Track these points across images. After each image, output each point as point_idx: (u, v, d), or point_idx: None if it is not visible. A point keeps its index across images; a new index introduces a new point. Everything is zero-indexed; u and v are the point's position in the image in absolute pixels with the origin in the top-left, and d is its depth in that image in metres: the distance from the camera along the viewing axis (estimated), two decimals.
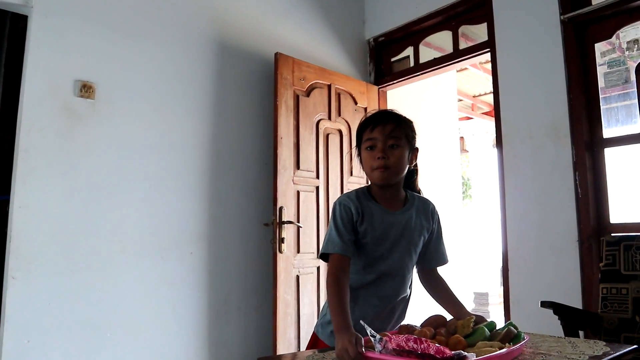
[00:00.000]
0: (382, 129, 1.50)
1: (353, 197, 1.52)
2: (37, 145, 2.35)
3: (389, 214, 1.53)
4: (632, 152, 2.66)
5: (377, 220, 1.51)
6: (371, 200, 1.54)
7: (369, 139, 1.51)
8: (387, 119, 1.52)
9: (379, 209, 1.52)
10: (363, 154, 1.54)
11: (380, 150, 1.48)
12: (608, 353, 1.21)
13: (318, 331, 1.57)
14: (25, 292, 2.26)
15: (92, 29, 2.58)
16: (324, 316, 1.58)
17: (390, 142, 1.49)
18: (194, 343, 2.80)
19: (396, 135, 1.51)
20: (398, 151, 1.50)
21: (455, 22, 3.49)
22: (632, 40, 2.72)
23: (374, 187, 1.56)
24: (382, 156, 1.48)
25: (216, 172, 3.01)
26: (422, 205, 1.64)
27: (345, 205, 1.50)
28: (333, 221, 1.49)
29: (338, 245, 1.44)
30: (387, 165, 1.48)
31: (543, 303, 2.09)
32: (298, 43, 3.50)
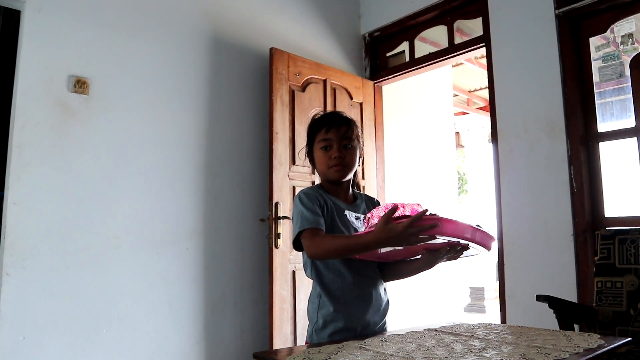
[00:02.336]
0: (337, 130, 1.60)
1: (313, 190, 1.61)
2: (31, 141, 2.34)
3: (346, 207, 1.63)
4: (627, 146, 2.66)
5: (338, 211, 1.59)
6: (328, 194, 1.62)
7: (324, 139, 1.60)
8: (340, 121, 1.62)
9: (337, 202, 1.61)
10: (317, 153, 1.63)
11: (336, 150, 1.58)
12: (603, 346, 1.22)
13: (313, 339, 1.56)
14: (20, 289, 2.25)
15: (86, 24, 2.56)
16: (315, 322, 1.56)
17: (344, 142, 1.60)
18: (190, 338, 2.80)
19: (349, 135, 1.61)
20: (352, 150, 1.61)
21: (450, 17, 3.49)
22: (626, 34, 2.72)
23: (327, 184, 1.65)
24: (339, 155, 1.58)
25: (212, 168, 3.00)
26: (370, 202, 1.73)
27: (312, 194, 1.57)
28: (302, 206, 1.53)
29: (313, 221, 1.48)
30: (344, 163, 1.59)
31: (538, 297, 2.10)
32: (293, 38, 3.49)
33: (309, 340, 1.58)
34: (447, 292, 4.74)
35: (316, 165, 1.66)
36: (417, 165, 4.48)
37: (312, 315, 1.60)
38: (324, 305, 1.54)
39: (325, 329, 1.52)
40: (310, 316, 1.61)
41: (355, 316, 1.52)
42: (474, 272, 7.71)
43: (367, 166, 3.67)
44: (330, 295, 1.54)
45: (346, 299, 1.53)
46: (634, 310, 2.02)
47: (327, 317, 1.53)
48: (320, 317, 1.55)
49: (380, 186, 3.81)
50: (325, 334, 1.52)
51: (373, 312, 1.57)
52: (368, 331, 1.54)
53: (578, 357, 1.11)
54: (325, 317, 1.53)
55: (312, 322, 1.59)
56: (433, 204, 4.54)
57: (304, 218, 1.49)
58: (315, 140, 1.64)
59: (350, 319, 1.52)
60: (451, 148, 5.19)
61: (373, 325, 1.57)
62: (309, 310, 1.61)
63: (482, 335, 1.35)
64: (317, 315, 1.56)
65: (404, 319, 3.85)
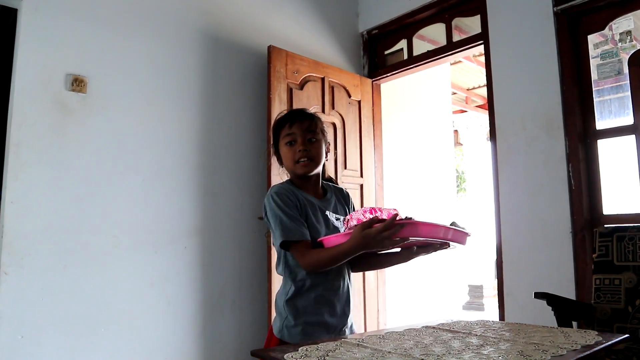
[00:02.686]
0: (300, 125, 1.61)
1: (285, 186, 1.60)
2: (28, 140, 2.34)
3: (318, 202, 1.64)
4: (625, 143, 2.66)
5: (310, 207, 1.59)
6: (299, 190, 1.62)
7: (288, 134, 1.61)
8: (302, 116, 1.64)
9: (309, 197, 1.62)
10: (283, 149, 1.64)
11: (301, 143, 1.60)
12: (600, 342, 1.22)
13: (283, 335, 1.56)
14: (19, 288, 2.25)
15: (84, 22, 2.56)
16: (285, 319, 1.56)
17: (308, 136, 1.61)
18: (188, 337, 2.80)
19: (313, 129, 1.63)
20: (317, 144, 1.62)
21: (448, 15, 3.49)
22: (624, 31, 2.72)
23: (296, 180, 1.65)
24: (303, 149, 1.59)
25: (210, 166, 3.00)
26: (338, 193, 1.75)
27: (284, 193, 1.56)
28: (279, 209, 1.52)
29: (296, 232, 1.50)
30: (310, 157, 1.60)
31: (537, 294, 2.10)
32: (291, 36, 3.48)
33: (279, 335, 1.58)
34: (445, 289, 4.75)
35: (283, 161, 1.66)
36: (415, 163, 4.48)
37: (280, 310, 1.60)
38: (295, 300, 1.55)
39: (297, 325, 1.54)
40: (278, 311, 1.61)
41: (326, 309, 1.54)
42: (473, 270, 7.72)
43: (366, 164, 3.67)
44: (301, 290, 1.55)
45: (317, 292, 1.55)
46: (632, 307, 2.02)
47: (298, 311, 1.54)
48: (289, 313, 1.55)
49: (378, 184, 3.81)
50: (298, 330, 1.53)
51: (343, 303, 1.60)
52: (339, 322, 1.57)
53: (576, 353, 1.11)
54: (296, 312, 1.54)
55: (281, 317, 1.59)
56: (431, 202, 4.54)
57: (287, 228, 1.50)
58: (280, 136, 1.65)
59: (321, 312, 1.54)
60: (450, 146, 5.20)
61: (343, 315, 1.59)
62: (278, 305, 1.62)
63: (480, 333, 1.36)
64: (285, 311, 1.57)
65: (403, 317, 3.86)
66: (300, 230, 1.50)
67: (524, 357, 1.07)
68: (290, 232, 1.50)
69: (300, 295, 1.55)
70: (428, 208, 4.52)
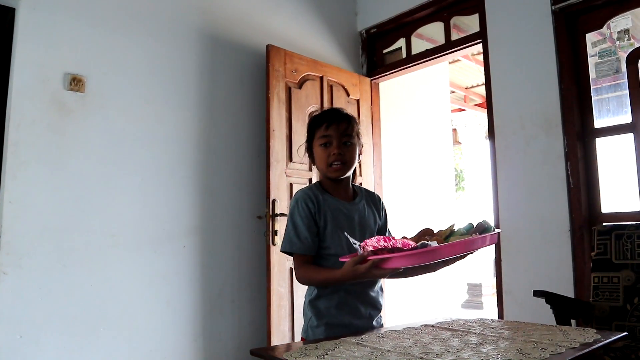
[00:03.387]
0: (337, 127, 1.59)
1: (310, 192, 1.60)
2: (26, 139, 2.33)
3: (344, 205, 1.63)
4: (623, 142, 2.67)
5: (335, 210, 1.60)
6: (326, 193, 1.63)
7: (324, 136, 1.60)
8: (340, 118, 1.62)
9: (336, 201, 1.62)
10: (317, 150, 1.63)
11: (336, 146, 1.59)
12: (599, 340, 1.22)
13: (308, 335, 1.58)
14: (17, 288, 2.24)
15: (82, 21, 2.55)
16: (309, 319, 1.59)
17: (344, 139, 1.60)
18: (188, 336, 2.80)
19: (349, 132, 1.61)
20: (352, 147, 1.61)
21: (447, 13, 3.49)
22: (622, 30, 2.73)
23: (327, 181, 1.66)
24: (338, 152, 1.58)
25: (208, 165, 2.99)
26: (370, 197, 1.74)
27: (303, 201, 1.58)
28: (291, 219, 1.57)
29: (296, 245, 1.54)
30: (344, 161, 1.59)
31: (535, 292, 2.10)
32: (290, 35, 3.48)
33: (305, 336, 1.60)
34: (444, 288, 4.75)
35: (315, 162, 1.66)
36: (414, 162, 4.48)
37: (306, 311, 1.62)
38: (317, 301, 1.57)
39: (320, 325, 1.55)
40: (305, 312, 1.63)
41: (348, 311, 1.54)
42: (472, 268, 7.72)
43: (365, 163, 3.67)
44: (324, 292, 1.56)
45: (340, 295, 1.55)
46: (631, 305, 2.02)
47: (320, 312, 1.55)
48: (313, 314, 1.57)
49: (377, 183, 3.81)
50: (321, 330, 1.54)
51: (369, 306, 1.59)
52: (363, 326, 1.56)
53: (574, 351, 1.12)
54: (319, 313, 1.56)
55: (306, 318, 1.62)
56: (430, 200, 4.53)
57: (292, 239, 1.55)
58: (315, 136, 1.63)
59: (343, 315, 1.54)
60: (448, 145, 5.20)
61: (369, 318, 1.58)
62: (304, 306, 1.64)
63: (478, 331, 1.36)
64: (310, 312, 1.59)
65: (402, 315, 3.86)
66: (304, 245, 1.53)
67: (522, 355, 1.08)
68: (294, 245, 1.54)
69: (323, 297, 1.56)
70: (427, 206, 4.52)
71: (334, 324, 1.53)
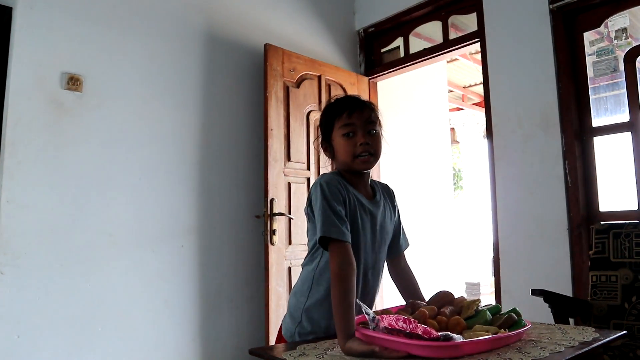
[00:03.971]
0: (360, 115, 1.43)
1: (337, 181, 1.42)
2: (24, 138, 2.33)
3: (368, 203, 1.47)
4: (621, 140, 2.67)
5: (361, 209, 1.44)
6: (350, 186, 1.45)
7: (348, 124, 1.43)
8: (363, 105, 1.46)
9: (361, 197, 1.46)
10: (339, 141, 1.44)
11: (362, 136, 1.42)
12: (597, 339, 1.22)
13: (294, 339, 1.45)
14: (15, 287, 2.24)
15: (79, 20, 2.54)
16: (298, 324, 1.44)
17: (369, 128, 1.44)
18: (186, 336, 2.80)
19: (374, 120, 1.46)
20: (378, 137, 1.46)
21: (444, 12, 3.49)
22: (620, 29, 2.73)
23: (348, 175, 1.48)
24: (365, 142, 1.41)
25: (206, 165, 2.99)
26: (386, 192, 1.60)
27: (336, 185, 1.39)
28: (325, 201, 1.34)
29: (340, 232, 1.31)
30: (372, 152, 1.43)
31: (534, 291, 2.10)
32: (288, 34, 3.48)
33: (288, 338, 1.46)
34: (442, 287, 4.75)
35: (337, 155, 1.47)
36: (412, 161, 4.48)
37: (294, 313, 1.46)
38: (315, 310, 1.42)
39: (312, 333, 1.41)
40: (291, 312, 1.47)
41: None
42: (470, 267, 7.73)
43: None
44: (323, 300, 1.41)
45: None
46: (629, 304, 2.03)
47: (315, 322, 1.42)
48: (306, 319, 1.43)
49: None
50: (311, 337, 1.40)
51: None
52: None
53: (573, 350, 1.12)
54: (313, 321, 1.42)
55: (294, 320, 1.45)
56: (428, 200, 4.52)
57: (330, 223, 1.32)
58: (334, 126, 1.45)
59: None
60: (446, 144, 5.20)
61: None
62: (291, 306, 1.48)
63: None
64: (301, 315, 1.43)
65: None
66: (343, 230, 1.32)
67: (522, 354, 1.08)
68: (333, 228, 1.31)
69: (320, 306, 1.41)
70: (425, 206, 4.52)
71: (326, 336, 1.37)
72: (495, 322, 1.24)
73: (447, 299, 1.36)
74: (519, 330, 1.20)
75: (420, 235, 4.15)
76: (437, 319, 1.21)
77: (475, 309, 1.28)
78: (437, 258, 4.58)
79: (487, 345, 1.12)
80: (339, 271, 1.28)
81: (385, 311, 1.28)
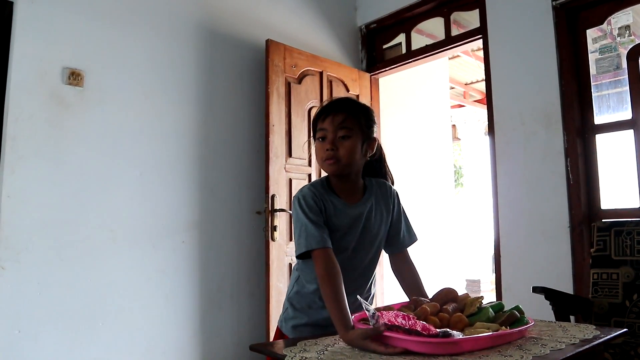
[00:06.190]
0: (332, 120, 1.45)
1: (314, 190, 1.48)
2: (25, 133, 2.32)
3: (349, 208, 1.49)
4: (623, 138, 2.66)
5: (339, 214, 1.47)
6: (331, 193, 1.50)
7: (320, 129, 1.48)
8: (338, 109, 1.47)
9: (339, 203, 1.49)
10: (316, 145, 1.50)
11: (329, 141, 1.44)
12: (598, 336, 1.22)
13: (282, 326, 1.56)
14: (15, 283, 2.24)
15: (80, 15, 2.53)
16: (285, 310, 1.57)
17: (340, 133, 1.44)
18: (186, 331, 2.80)
19: (347, 125, 1.45)
20: (348, 142, 1.45)
21: (447, 9, 3.48)
22: (623, 26, 2.72)
23: (333, 178, 1.52)
24: (330, 148, 1.44)
25: (207, 160, 2.99)
26: (380, 192, 1.59)
27: (311, 197, 1.45)
28: (303, 215, 1.42)
29: (320, 240, 1.38)
30: (337, 157, 1.44)
31: (535, 288, 2.10)
32: (289, 30, 3.47)
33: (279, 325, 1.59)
34: (443, 284, 4.75)
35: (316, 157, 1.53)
36: (413, 158, 4.48)
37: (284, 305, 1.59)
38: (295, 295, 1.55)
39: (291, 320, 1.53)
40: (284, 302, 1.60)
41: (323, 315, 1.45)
42: (471, 264, 7.73)
43: None
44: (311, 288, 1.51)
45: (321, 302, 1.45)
46: (630, 301, 2.02)
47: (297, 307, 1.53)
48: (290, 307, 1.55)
49: None
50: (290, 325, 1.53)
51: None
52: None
53: (574, 347, 1.12)
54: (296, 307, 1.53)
55: (283, 308, 1.59)
56: (429, 197, 4.51)
57: (310, 234, 1.38)
58: (316, 129, 1.51)
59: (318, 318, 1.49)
60: (448, 141, 5.19)
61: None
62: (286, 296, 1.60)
63: None
64: (287, 304, 1.56)
65: None
66: (323, 238, 1.39)
67: (523, 351, 1.08)
68: (313, 239, 1.38)
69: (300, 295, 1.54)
70: (426, 203, 4.52)
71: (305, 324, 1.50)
72: (498, 319, 1.24)
73: (450, 296, 1.36)
74: (521, 327, 1.19)
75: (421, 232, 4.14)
76: (439, 315, 1.21)
77: (478, 306, 1.28)
78: (438, 255, 4.58)
79: (487, 342, 1.11)
80: (325, 273, 1.34)
81: (387, 308, 1.28)
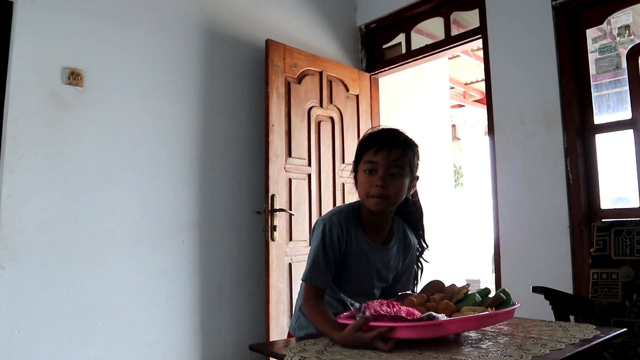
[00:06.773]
0: (387, 155, 1.38)
1: (342, 223, 1.43)
2: (24, 133, 2.32)
3: (373, 249, 1.47)
4: (623, 138, 2.67)
5: (361, 254, 1.45)
6: (358, 227, 1.46)
7: (370, 161, 1.40)
8: (394, 144, 1.41)
9: (364, 241, 1.46)
10: (361, 175, 1.43)
11: (380, 178, 1.37)
12: (598, 336, 1.22)
13: (295, 333, 1.55)
14: (15, 282, 2.24)
15: (80, 15, 2.53)
16: (297, 319, 1.54)
17: (392, 171, 1.39)
18: (186, 331, 2.80)
19: (400, 164, 1.39)
20: (399, 181, 1.40)
21: (446, 9, 3.48)
22: (623, 26, 2.72)
23: (365, 211, 1.47)
24: (381, 184, 1.37)
25: (207, 160, 2.99)
26: (404, 242, 1.56)
27: (336, 232, 1.41)
28: (321, 246, 1.39)
29: (321, 279, 1.39)
30: (386, 195, 1.38)
31: (534, 288, 2.10)
32: (289, 30, 3.47)
33: (291, 331, 1.57)
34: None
35: (358, 187, 1.46)
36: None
37: (296, 312, 1.57)
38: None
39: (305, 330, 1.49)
40: (294, 310, 1.58)
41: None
42: (470, 264, 7.73)
43: None
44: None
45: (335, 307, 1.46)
46: (629, 301, 2.02)
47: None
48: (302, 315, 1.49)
49: None
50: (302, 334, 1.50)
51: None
52: None
53: (574, 347, 1.12)
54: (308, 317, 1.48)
55: (295, 316, 1.56)
56: (429, 196, 4.51)
57: (316, 267, 1.38)
58: (362, 158, 1.43)
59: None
60: (447, 141, 5.19)
61: None
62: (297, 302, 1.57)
63: None
64: (299, 311, 1.52)
65: None
66: (323, 278, 1.39)
67: (522, 351, 1.08)
68: (315, 274, 1.38)
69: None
70: (425, 203, 4.50)
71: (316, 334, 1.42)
72: (484, 303, 1.26)
73: (437, 288, 1.39)
74: (507, 309, 1.21)
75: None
76: (427, 305, 1.24)
77: (465, 292, 1.30)
78: (438, 254, 4.57)
79: (473, 323, 1.13)
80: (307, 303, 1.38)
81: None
